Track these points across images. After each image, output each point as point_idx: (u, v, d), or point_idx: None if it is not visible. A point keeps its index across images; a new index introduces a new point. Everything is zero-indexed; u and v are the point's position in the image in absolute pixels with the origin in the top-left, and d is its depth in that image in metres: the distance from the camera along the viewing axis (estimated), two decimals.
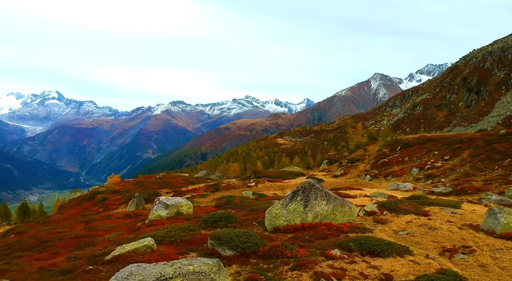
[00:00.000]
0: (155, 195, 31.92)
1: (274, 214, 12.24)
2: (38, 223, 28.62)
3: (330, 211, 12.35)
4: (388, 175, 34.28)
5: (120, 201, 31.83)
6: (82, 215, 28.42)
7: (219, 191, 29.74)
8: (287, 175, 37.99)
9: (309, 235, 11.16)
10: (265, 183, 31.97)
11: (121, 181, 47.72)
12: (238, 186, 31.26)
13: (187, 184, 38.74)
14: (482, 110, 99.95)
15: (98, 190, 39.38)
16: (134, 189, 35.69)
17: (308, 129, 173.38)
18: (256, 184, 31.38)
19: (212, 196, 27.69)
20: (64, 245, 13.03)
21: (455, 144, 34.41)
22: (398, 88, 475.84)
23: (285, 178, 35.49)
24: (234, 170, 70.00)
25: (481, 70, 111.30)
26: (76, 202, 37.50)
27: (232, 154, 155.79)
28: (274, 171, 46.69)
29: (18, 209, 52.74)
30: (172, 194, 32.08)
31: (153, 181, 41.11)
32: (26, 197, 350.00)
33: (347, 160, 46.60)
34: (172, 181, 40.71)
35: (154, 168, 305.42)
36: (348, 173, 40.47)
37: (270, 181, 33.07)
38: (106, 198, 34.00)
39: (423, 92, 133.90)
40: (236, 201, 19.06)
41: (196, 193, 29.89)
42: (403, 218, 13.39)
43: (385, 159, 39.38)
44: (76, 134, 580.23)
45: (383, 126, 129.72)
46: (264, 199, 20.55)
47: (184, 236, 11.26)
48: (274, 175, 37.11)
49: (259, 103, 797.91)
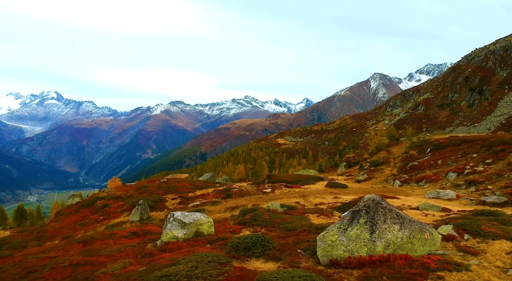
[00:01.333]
0: (160, 201, 29.59)
1: (329, 242, 9.47)
2: (32, 233, 26.65)
3: (406, 239, 9.43)
4: (420, 181, 31.05)
5: (122, 208, 29.83)
6: (81, 224, 26.30)
7: (231, 198, 27.51)
8: (305, 179, 35.04)
9: (387, 275, 8.21)
10: (283, 189, 29.47)
11: (123, 186, 44.47)
12: (252, 193, 28.71)
13: (194, 189, 35.93)
14: (485, 110, 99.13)
15: (98, 195, 36.50)
16: (137, 195, 33.62)
17: (309, 129, 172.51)
18: (272, 190, 28.78)
19: (225, 203, 25.41)
20: (56, 276, 10.52)
21: (497, 145, 30.97)
22: (398, 88, 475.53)
23: (304, 183, 32.85)
24: (239, 172, 67.63)
25: (484, 69, 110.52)
26: (74, 209, 34.76)
27: (232, 154, 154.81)
28: (289, 175, 42.38)
29: (14, 212, 50.15)
30: (178, 200, 29.83)
31: (157, 185, 38.01)
32: (25, 198, 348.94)
33: (369, 163, 43.11)
34: (178, 185, 37.58)
35: (153, 169, 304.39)
36: (373, 177, 37.21)
37: (288, 187, 30.47)
38: (107, 204, 31.79)
39: (424, 91, 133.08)
40: (265, 217, 15.33)
41: (206, 200, 27.74)
42: (496, 245, 10.23)
43: (415, 163, 36.04)
44: (75, 134, 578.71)
45: (384, 125, 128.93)
46: (295, 212, 17.20)
47: (215, 276, 8.40)
48: (291, 180, 34.23)
49: (258, 103, 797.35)
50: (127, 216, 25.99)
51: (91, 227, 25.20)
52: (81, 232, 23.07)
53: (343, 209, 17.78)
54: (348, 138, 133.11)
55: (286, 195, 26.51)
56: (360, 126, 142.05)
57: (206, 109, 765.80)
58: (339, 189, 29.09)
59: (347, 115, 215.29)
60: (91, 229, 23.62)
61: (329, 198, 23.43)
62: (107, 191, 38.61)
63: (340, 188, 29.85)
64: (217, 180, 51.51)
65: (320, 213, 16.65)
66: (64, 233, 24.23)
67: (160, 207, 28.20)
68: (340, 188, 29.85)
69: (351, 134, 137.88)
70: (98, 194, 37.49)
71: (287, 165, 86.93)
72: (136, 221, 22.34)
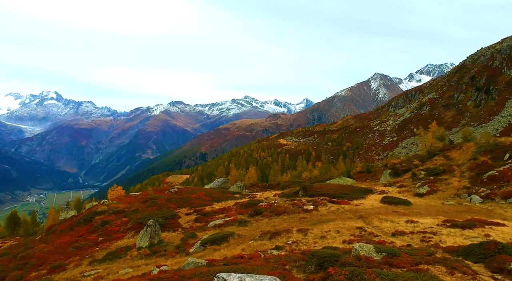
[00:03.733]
0: (172, 217, 24.62)
1: None
2: (16, 258, 23.03)
3: None
4: (509, 196, 24.28)
5: (126, 226, 24.64)
6: (75, 247, 22.07)
7: (261, 216, 21.94)
8: (350, 192, 28.84)
9: None
10: (328, 206, 23.66)
11: (126, 196, 37.20)
12: (289, 210, 22.70)
13: (211, 200, 30.32)
14: (492, 110, 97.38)
15: (96, 209, 30.13)
16: (144, 209, 28.36)
17: (311, 129, 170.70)
18: (315, 207, 22.97)
19: (255, 224, 19.85)
20: None
21: None
22: (398, 88, 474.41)
23: (351, 197, 27.06)
24: (250, 176, 61.61)
25: (490, 68, 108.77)
26: (68, 225, 28.81)
27: (233, 155, 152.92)
28: (327, 185, 34.20)
29: (7, 219, 46.32)
30: (194, 216, 24.68)
31: (167, 197, 32.14)
32: (24, 198, 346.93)
33: (425, 171, 36.16)
34: (192, 197, 31.77)
35: (153, 169, 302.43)
36: (438, 190, 30.19)
37: (333, 203, 24.70)
38: (108, 221, 26.43)
39: (429, 91, 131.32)
40: (366, 277, 8.59)
41: (229, 218, 22.34)
42: None
43: (494, 172, 28.82)
44: (74, 134, 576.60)
45: (389, 126, 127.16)
46: (403, 262, 10.46)
47: None
48: (334, 193, 28.25)
49: (258, 103, 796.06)
50: (133, 237, 21.87)
51: (88, 251, 21.20)
52: (75, 259, 19.51)
53: (467, 253, 11.85)
54: (352, 139, 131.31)
55: (336, 214, 20.66)
56: (364, 127, 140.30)
57: (206, 109, 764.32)
58: (402, 207, 23.47)
59: (349, 116, 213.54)
60: (88, 255, 19.88)
61: (402, 222, 18.06)
62: (108, 203, 32.30)
63: (402, 205, 24.30)
64: (230, 188, 46.30)
65: (448, 267, 10.16)
66: (54, 259, 20.68)
67: (173, 226, 23.51)
68: (402, 205, 24.30)
69: (354, 134, 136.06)
70: (97, 207, 31.15)
71: (300, 168, 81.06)
72: (145, 247, 18.78)
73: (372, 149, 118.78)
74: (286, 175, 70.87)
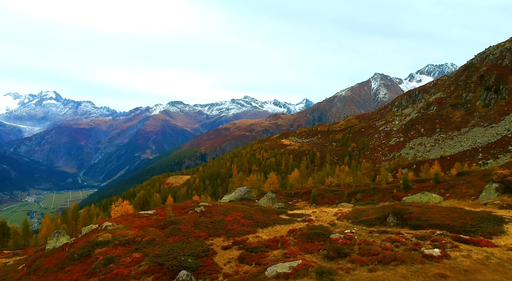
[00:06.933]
0: (204, 255, 15.55)
1: None
2: None
3: None
4: None
5: (139, 267, 16.04)
6: None
7: (347, 260, 13.24)
8: (476, 222, 16.91)
9: None
10: (462, 250, 13.40)
11: (136, 217, 24.97)
12: (399, 255, 12.92)
13: (253, 225, 20.92)
14: (502, 110, 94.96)
15: (96, 239, 20.21)
16: (163, 238, 18.87)
17: (314, 129, 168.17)
18: (443, 252, 12.94)
19: (349, 279, 11.38)
20: None
21: None
22: (399, 88, 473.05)
23: (484, 232, 15.76)
24: (271, 183, 53.35)
25: (500, 67, 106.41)
26: (57, 261, 19.70)
27: (236, 155, 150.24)
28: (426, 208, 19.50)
29: None
30: (236, 252, 15.72)
31: (193, 220, 21.79)
32: (23, 198, 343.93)
33: None
34: (227, 220, 21.50)
35: (152, 169, 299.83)
36: None
37: (464, 243, 14.34)
38: (113, 258, 17.50)
39: (435, 91, 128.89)
40: None
41: (296, 263, 13.38)
42: None
43: None
44: (73, 134, 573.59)
45: (395, 126, 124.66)
46: None
47: None
48: (452, 224, 16.72)
49: (258, 103, 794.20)
50: None
51: None
52: None
53: None
54: (357, 139, 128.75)
55: (494, 269, 11.32)
56: (369, 127, 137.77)
57: (205, 109, 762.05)
58: None
59: (351, 115, 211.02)
60: None
61: None
62: (112, 228, 21.99)
63: None
64: (260, 201, 37.21)
65: None
66: None
67: (209, 270, 14.47)
68: None
69: (359, 134, 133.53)
70: (97, 235, 21.04)
71: (323, 172, 73.08)
72: None
73: (378, 149, 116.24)
74: (305, 182, 61.52)
